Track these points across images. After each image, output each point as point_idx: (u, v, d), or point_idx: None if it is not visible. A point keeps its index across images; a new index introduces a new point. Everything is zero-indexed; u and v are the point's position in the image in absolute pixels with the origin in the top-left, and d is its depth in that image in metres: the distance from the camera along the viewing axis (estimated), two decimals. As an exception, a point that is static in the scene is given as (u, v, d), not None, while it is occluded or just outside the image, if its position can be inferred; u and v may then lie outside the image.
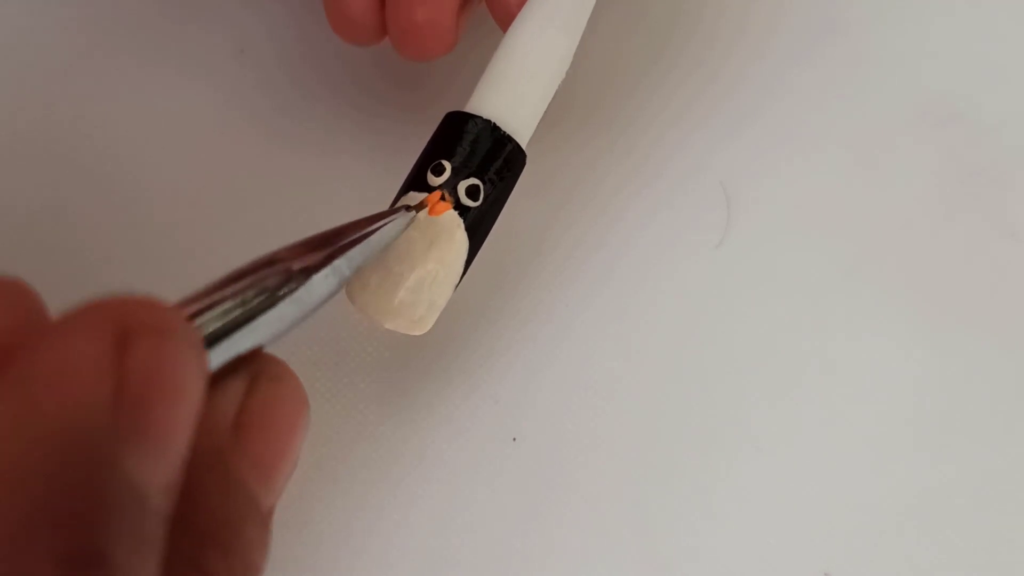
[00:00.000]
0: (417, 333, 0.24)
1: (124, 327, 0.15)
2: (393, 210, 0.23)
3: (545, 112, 0.25)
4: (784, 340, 0.28)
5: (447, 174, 0.24)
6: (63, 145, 0.30)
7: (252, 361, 0.19)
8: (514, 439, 0.26)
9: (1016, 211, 0.30)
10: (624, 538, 0.25)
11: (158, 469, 0.15)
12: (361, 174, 0.29)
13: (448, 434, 0.26)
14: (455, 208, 0.24)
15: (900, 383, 0.28)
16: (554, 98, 0.25)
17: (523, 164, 0.25)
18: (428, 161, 0.24)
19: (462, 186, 0.24)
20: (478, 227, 0.24)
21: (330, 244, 0.21)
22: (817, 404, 0.27)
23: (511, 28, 0.25)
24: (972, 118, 0.32)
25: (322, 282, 0.20)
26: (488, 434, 0.26)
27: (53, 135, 0.30)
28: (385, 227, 0.22)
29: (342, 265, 0.20)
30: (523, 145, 0.25)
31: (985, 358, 0.28)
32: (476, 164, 0.24)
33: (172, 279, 0.28)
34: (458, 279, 0.24)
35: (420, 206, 0.23)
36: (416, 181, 0.24)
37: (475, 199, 0.24)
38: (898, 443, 0.27)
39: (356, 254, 0.21)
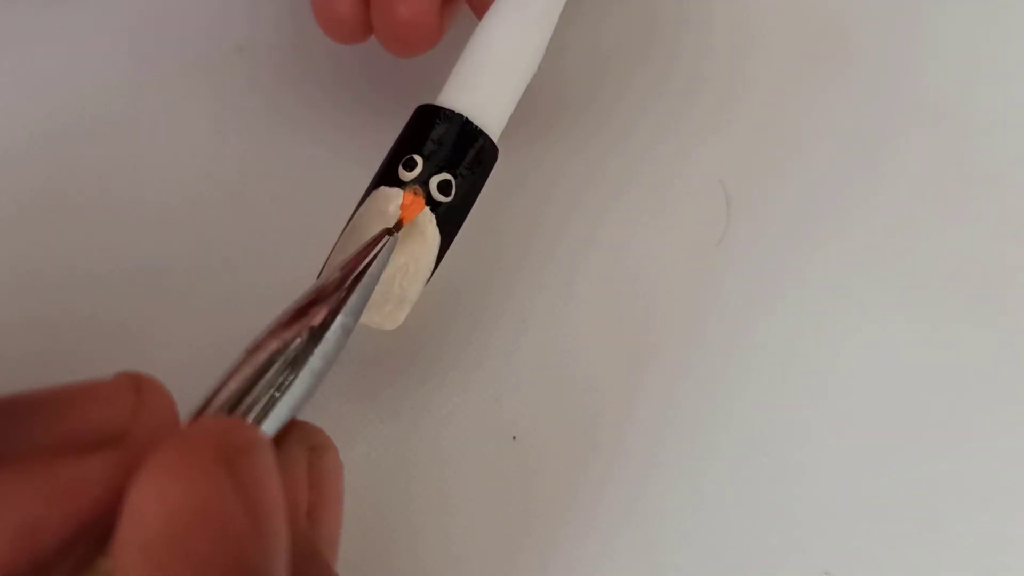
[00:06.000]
0: (389, 328, 0.24)
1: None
2: (375, 239, 0.22)
3: (544, 112, 0.25)
4: (783, 339, 0.28)
5: (419, 169, 0.23)
6: (62, 145, 0.30)
7: (298, 436, 0.19)
8: (514, 438, 0.26)
9: (1016, 211, 0.30)
10: (624, 537, 0.25)
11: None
12: (363, 169, 0.29)
13: (448, 434, 0.26)
14: (427, 203, 0.23)
15: (900, 382, 0.28)
16: (553, 97, 0.25)
17: (495, 157, 0.25)
18: (399, 155, 0.24)
19: (434, 181, 0.23)
20: (449, 221, 0.24)
21: (329, 296, 0.21)
22: (817, 403, 0.27)
23: (483, 21, 0.25)
24: (972, 118, 0.32)
25: (333, 338, 0.20)
26: (488, 434, 0.26)
27: (52, 136, 0.30)
28: (376, 262, 0.22)
29: (348, 319, 0.21)
30: (495, 138, 0.24)
31: (985, 357, 0.28)
32: (448, 158, 0.24)
33: (171, 276, 0.28)
34: (429, 274, 0.24)
35: (398, 226, 0.23)
36: (387, 175, 0.24)
37: (447, 194, 0.23)
38: (899, 442, 0.27)
39: (357, 302, 0.21)
